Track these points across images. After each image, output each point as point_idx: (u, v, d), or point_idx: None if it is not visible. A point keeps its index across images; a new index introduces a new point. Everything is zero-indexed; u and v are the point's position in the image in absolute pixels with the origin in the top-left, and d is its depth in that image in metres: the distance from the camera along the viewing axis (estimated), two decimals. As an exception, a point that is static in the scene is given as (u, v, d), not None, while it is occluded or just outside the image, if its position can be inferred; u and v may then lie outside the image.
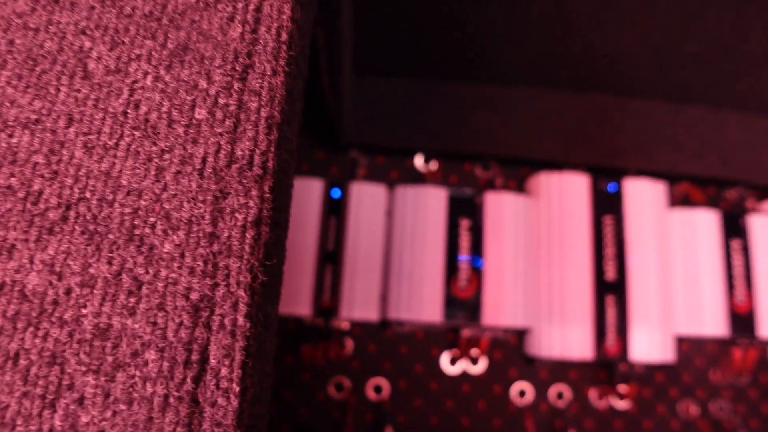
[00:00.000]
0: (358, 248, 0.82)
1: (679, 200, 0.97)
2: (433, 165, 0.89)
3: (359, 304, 0.80)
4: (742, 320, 0.85)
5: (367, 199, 0.84)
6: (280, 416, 0.82)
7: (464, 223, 0.82)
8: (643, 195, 0.86)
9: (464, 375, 0.85)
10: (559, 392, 0.87)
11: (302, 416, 0.83)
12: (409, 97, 0.84)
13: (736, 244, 0.88)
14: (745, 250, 0.88)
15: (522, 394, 0.86)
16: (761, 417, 0.92)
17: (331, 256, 0.82)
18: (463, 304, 0.79)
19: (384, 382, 0.84)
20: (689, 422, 0.89)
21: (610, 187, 0.85)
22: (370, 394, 0.84)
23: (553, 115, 0.85)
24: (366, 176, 0.90)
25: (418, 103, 0.83)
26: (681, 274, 0.86)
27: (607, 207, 0.84)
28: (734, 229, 0.89)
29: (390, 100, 0.83)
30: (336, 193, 0.84)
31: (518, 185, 0.92)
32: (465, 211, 0.82)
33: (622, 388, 0.84)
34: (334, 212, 0.83)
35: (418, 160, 0.91)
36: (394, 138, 0.82)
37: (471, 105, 0.84)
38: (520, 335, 0.86)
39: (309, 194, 0.84)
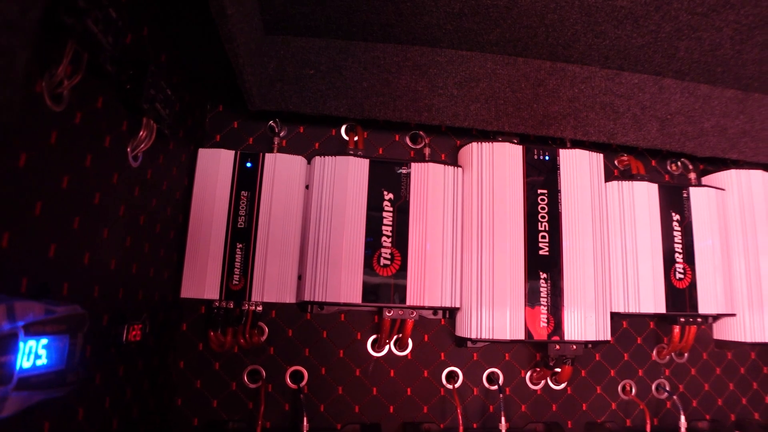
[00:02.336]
0: (273, 224, 0.75)
1: (619, 172, 0.92)
2: (360, 135, 0.82)
3: (273, 286, 0.73)
4: (681, 296, 0.82)
5: (282, 170, 0.77)
6: (189, 408, 0.75)
7: (388, 196, 0.76)
8: (579, 166, 0.81)
9: (390, 360, 0.80)
10: (492, 375, 0.82)
11: (213, 408, 0.76)
12: (326, 58, 0.77)
13: (676, 217, 0.84)
14: (686, 224, 0.84)
15: (452, 378, 0.81)
16: (703, 394, 0.89)
17: (242, 234, 0.75)
18: (385, 284, 0.73)
19: (303, 370, 0.78)
20: (629, 402, 0.86)
21: (545, 157, 0.80)
22: (288, 382, 0.77)
23: (483, 81, 0.79)
24: (285, 147, 0.83)
25: (336, 66, 0.76)
26: (618, 248, 0.81)
27: (541, 179, 0.79)
28: (675, 203, 0.85)
29: (305, 61, 0.76)
30: (249, 164, 0.77)
31: (452, 157, 0.86)
32: (389, 184, 0.76)
33: (558, 369, 0.80)
34: (247, 186, 0.76)
35: (343, 130, 0.84)
36: (310, 102, 0.75)
37: (394, 68, 0.77)
38: (452, 316, 0.80)
39: (217, 166, 0.76)
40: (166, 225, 0.69)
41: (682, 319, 0.83)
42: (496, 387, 0.80)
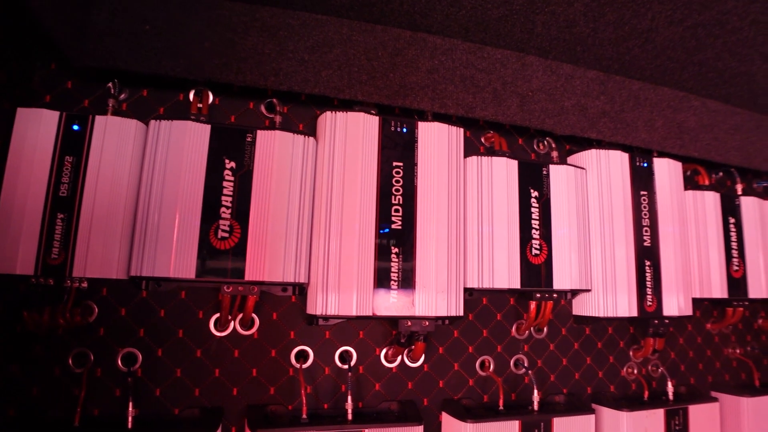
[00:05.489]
0: (100, 193, 0.68)
1: (485, 149, 0.92)
2: (205, 100, 0.76)
3: (97, 260, 0.67)
4: (537, 272, 0.82)
5: (114, 135, 0.70)
6: (3, 398, 0.67)
7: (230, 165, 0.71)
8: (438, 140, 0.79)
9: (234, 339, 0.75)
10: (345, 354, 0.79)
11: (33, 396, 0.68)
12: (165, 14, 0.70)
13: (534, 194, 0.85)
14: (544, 201, 0.84)
15: (302, 357, 0.77)
16: (560, 369, 0.91)
17: (64, 203, 0.67)
18: (223, 258, 0.68)
19: (137, 352, 0.72)
20: (486, 378, 0.86)
21: (402, 129, 0.78)
22: (120, 365, 0.71)
23: (337, 47, 0.76)
24: (126, 111, 0.76)
25: (176, 22, 0.70)
26: (475, 223, 0.81)
27: (397, 152, 0.77)
28: (534, 179, 0.85)
29: (141, 16, 0.69)
30: (76, 127, 0.70)
31: (310, 127, 0.82)
32: (232, 152, 0.71)
33: (414, 346, 0.78)
34: (72, 150, 0.69)
35: (192, 95, 0.78)
36: (143, 60, 0.69)
37: (240, 28, 0.72)
38: (302, 293, 0.76)
39: (38, 128, 0.68)
40: (-39, 190, 0.60)
41: (538, 295, 0.83)
42: (347, 366, 0.77)
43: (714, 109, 1.02)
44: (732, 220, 1.03)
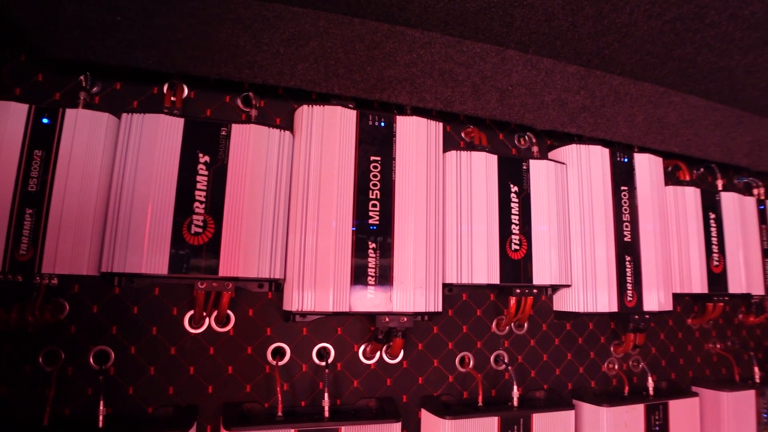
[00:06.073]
0: (70, 188, 0.67)
1: (465, 144, 0.91)
2: (179, 93, 0.75)
3: (66, 256, 0.65)
4: (516, 267, 0.82)
5: (85, 128, 0.68)
6: (-29, 397, 0.66)
7: (204, 159, 0.69)
8: (417, 134, 0.78)
9: (209, 336, 0.74)
10: (323, 351, 0.78)
11: (2, 395, 0.67)
12: (136, 5, 0.69)
13: (514, 189, 0.84)
14: (524, 196, 0.84)
15: (278, 354, 0.76)
16: (541, 364, 0.91)
17: (33, 198, 0.66)
18: (196, 253, 0.67)
19: (109, 350, 0.70)
20: (466, 374, 0.85)
21: (381, 123, 0.77)
22: (92, 364, 0.70)
23: (314, 40, 0.75)
24: (98, 104, 0.75)
25: (148, 13, 0.69)
26: (454, 218, 0.80)
27: (375, 146, 0.76)
28: (513, 174, 0.84)
29: (112, 7, 0.68)
30: (46, 120, 0.68)
31: (288, 121, 0.81)
32: (206, 146, 0.70)
33: (392, 342, 0.78)
34: (42, 144, 0.67)
35: (166, 88, 0.77)
36: (114, 52, 0.67)
37: (214, 20, 0.71)
38: (279, 290, 0.75)
39: (5, 121, 0.67)
40: (-77, 184, 0.59)
41: (518, 290, 0.83)
42: (327, 362, 0.76)
43: (694, 104, 1.02)
44: (712, 216, 1.03)
